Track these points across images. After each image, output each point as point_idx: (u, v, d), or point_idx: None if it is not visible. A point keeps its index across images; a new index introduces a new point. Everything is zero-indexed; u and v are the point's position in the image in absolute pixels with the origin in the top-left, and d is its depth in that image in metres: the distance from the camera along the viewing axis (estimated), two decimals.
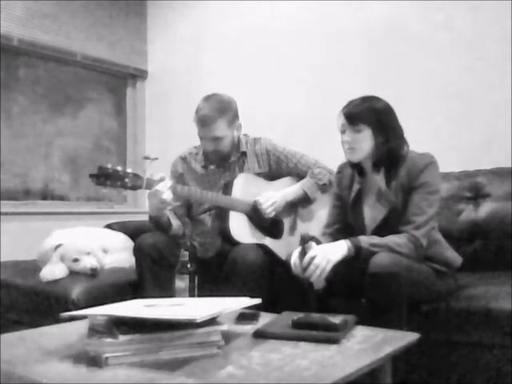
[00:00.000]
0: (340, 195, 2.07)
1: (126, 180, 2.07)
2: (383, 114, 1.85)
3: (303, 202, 2.37)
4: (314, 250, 1.74)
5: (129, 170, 2.10)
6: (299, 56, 3.24)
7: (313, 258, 1.71)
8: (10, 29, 3.25)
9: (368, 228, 1.93)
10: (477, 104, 2.64)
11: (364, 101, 1.86)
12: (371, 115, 1.82)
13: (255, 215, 2.28)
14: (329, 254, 1.71)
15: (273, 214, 2.28)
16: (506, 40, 2.54)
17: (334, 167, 2.20)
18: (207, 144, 2.32)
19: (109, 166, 2.06)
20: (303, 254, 1.75)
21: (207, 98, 2.31)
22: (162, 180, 2.11)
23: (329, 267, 1.70)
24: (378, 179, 1.89)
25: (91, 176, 2.04)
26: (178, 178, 2.44)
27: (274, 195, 2.29)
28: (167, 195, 2.10)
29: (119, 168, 2.07)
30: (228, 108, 2.31)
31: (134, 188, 2.11)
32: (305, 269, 1.72)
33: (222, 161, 2.40)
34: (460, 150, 2.61)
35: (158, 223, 2.26)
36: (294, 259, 1.79)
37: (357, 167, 1.97)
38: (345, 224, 2.05)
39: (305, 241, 1.77)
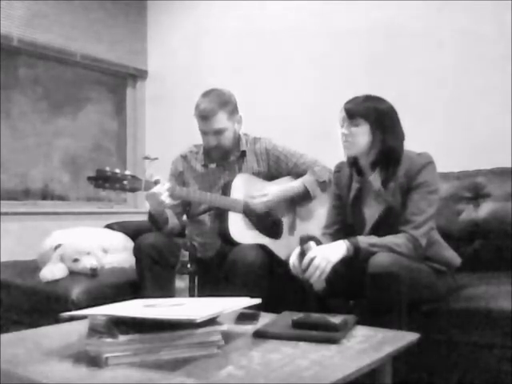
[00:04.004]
0: (339, 195, 2.07)
1: (125, 182, 2.07)
2: (384, 114, 1.85)
3: (303, 198, 2.37)
4: (313, 251, 1.73)
5: (127, 172, 2.10)
6: (299, 56, 3.24)
7: (312, 259, 1.71)
8: (10, 29, 3.25)
9: (367, 227, 1.93)
10: (477, 104, 2.64)
11: (367, 99, 1.87)
12: (371, 112, 1.83)
13: (249, 211, 2.28)
14: (328, 254, 1.71)
15: (263, 207, 2.28)
16: (506, 40, 2.54)
17: (333, 167, 2.19)
18: (210, 139, 2.32)
19: (107, 168, 2.06)
20: (302, 254, 1.75)
21: (206, 93, 2.32)
22: (157, 183, 2.11)
23: (328, 268, 1.70)
24: (373, 179, 1.89)
25: (89, 179, 2.04)
26: (178, 176, 2.44)
27: (268, 190, 2.28)
28: (165, 197, 2.11)
29: (117, 170, 2.07)
30: (228, 101, 2.31)
31: (133, 190, 2.11)
32: (304, 270, 1.72)
33: (222, 160, 2.40)
34: (460, 150, 2.62)
35: (155, 221, 2.27)
36: (293, 260, 1.79)
37: (354, 166, 1.97)
38: (344, 224, 2.05)
39: (303, 241, 1.77)
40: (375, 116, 1.83)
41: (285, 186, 2.33)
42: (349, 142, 1.86)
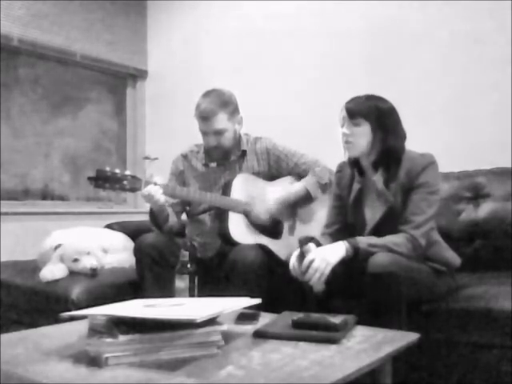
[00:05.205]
0: (339, 195, 2.07)
1: (125, 182, 2.08)
2: (385, 114, 1.85)
3: (305, 200, 2.37)
4: (313, 253, 1.73)
5: (127, 173, 2.11)
6: (299, 56, 3.24)
7: (311, 262, 1.71)
8: (10, 29, 3.25)
9: (367, 228, 1.93)
10: (477, 104, 2.64)
11: (368, 98, 1.86)
12: (372, 112, 1.83)
13: (251, 219, 2.28)
14: (327, 256, 1.71)
15: (266, 217, 2.28)
16: (506, 40, 2.54)
17: (334, 167, 2.19)
18: (210, 139, 2.32)
19: (107, 168, 2.06)
20: (302, 256, 1.75)
21: (207, 94, 2.33)
22: (154, 184, 2.12)
23: (328, 270, 1.70)
24: (376, 179, 1.89)
25: (90, 179, 2.05)
26: (179, 175, 2.45)
27: (270, 198, 2.28)
28: (158, 197, 2.11)
29: (117, 170, 2.08)
30: (228, 101, 2.31)
31: (133, 190, 2.12)
32: (304, 272, 1.72)
33: (223, 159, 2.40)
34: (460, 150, 2.61)
35: (155, 218, 2.27)
36: (293, 262, 1.79)
37: (356, 166, 1.97)
38: (344, 224, 2.05)
39: (303, 243, 1.76)
40: (376, 116, 1.83)
41: (287, 191, 2.32)
42: (350, 143, 1.86)
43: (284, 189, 2.33)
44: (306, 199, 2.36)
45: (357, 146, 1.86)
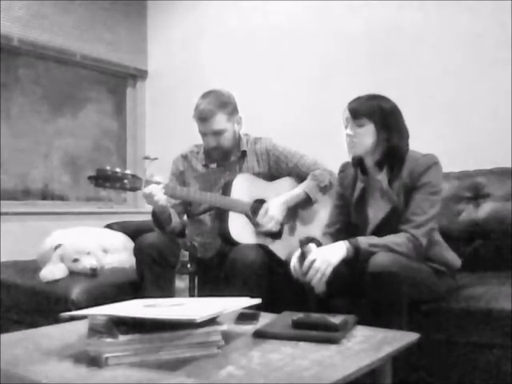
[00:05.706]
0: (342, 194, 2.07)
1: (125, 181, 2.08)
2: (389, 113, 1.85)
3: (305, 203, 2.37)
4: (314, 253, 1.73)
5: (127, 172, 2.11)
6: (300, 56, 3.24)
7: (312, 262, 1.71)
8: (10, 29, 3.24)
9: (370, 227, 1.92)
10: (477, 104, 2.64)
11: (371, 98, 1.87)
12: (376, 112, 1.83)
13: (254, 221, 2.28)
14: (328, 256, 1.71)
15: (276, 227, 2.28)
16: (506, 40, 2.54)
17: (335, 168, 2.20)
18: (209, 140, 2.32)
19: (107, 167, 2.06)
20: (302, 257, 1.75)
21: (205, 95, 2.32)
22: (157, 183, 2.12)
23: (329, 270, 1.70)
24: (381, 178, 1.89)
25: (90, 178, 2.05)
26: (179, 176, 2.45)
27: (273, 210, 2.25)
28: (159, 197, 2.11)
29: (118, 169, 2.08)
30: (227, 101, 2.31)
31: (133, 189, 2.11)
32: (305, 273, 1.72)
33: (223, 160, 2.40)
34: (460, 150, 2.61)
35: (158, 218, 2.27)
36: (294, 263, 1.79)
37: (359, 165, 1.97)
38: (346, 224, 2.05)
39: (303, 244, 1.76)
40: (379, 115, 1.83)
41: (287, 197, 2.30)
42: (353, 143, 1.86)
43: (284, 194, 2.32)
44: (305, 202, 2.36)
45: (361, 145, 1.86)
